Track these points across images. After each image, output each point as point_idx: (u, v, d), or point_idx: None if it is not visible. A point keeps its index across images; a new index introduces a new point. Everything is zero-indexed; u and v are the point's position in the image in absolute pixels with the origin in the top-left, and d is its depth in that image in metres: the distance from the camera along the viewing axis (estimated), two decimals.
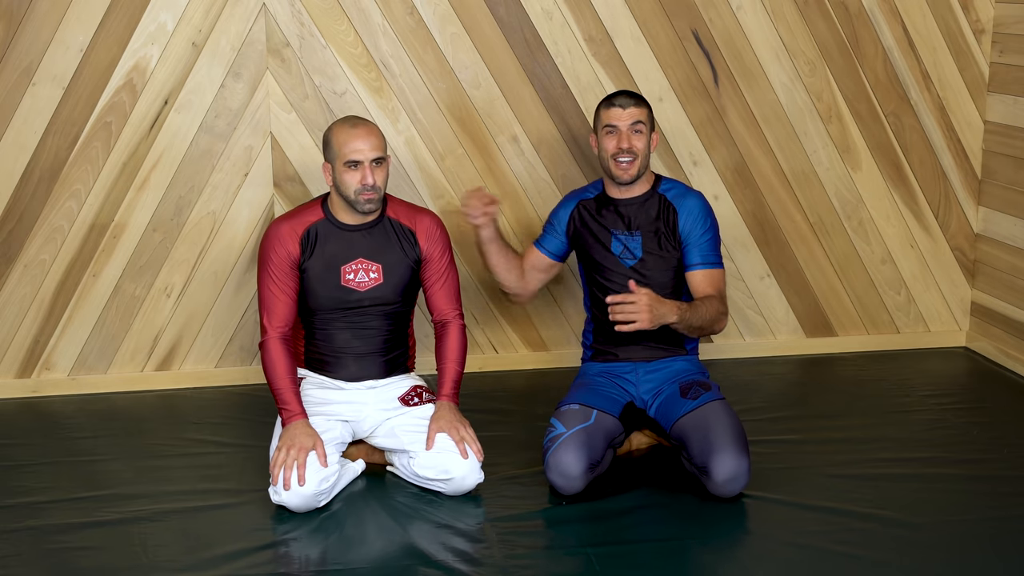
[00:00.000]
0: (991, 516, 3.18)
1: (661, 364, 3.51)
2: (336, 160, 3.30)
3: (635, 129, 3.44)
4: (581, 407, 3.35)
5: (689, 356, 3.56)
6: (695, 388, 3.39)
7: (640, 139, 3.45)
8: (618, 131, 3.44)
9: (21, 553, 3.01)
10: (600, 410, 3.35)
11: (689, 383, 3.42)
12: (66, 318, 4.11)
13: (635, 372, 3.50)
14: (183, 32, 3.95)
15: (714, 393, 3.37)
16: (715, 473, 3.18)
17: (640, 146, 3.45)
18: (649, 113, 3.50)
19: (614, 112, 3.45)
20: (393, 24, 4.05)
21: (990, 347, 4.46)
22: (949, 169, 4.46)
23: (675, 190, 3.54)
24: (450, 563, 2.94)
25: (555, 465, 3.23)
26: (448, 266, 3.49)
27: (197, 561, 2.96)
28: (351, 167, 3.29)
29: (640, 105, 3.47)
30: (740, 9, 4.20)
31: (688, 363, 3.54)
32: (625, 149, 3.42)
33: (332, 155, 3.31)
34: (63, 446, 3.71)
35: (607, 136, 3.46)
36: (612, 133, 3.45)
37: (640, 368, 3.50)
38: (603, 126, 3.47)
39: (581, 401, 3.38)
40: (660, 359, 3.51)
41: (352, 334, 3.44)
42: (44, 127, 3.96)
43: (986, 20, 4.34)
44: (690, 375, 3.48)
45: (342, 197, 3.34)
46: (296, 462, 3.17)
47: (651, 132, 3.50)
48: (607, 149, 3.46)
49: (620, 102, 3.46)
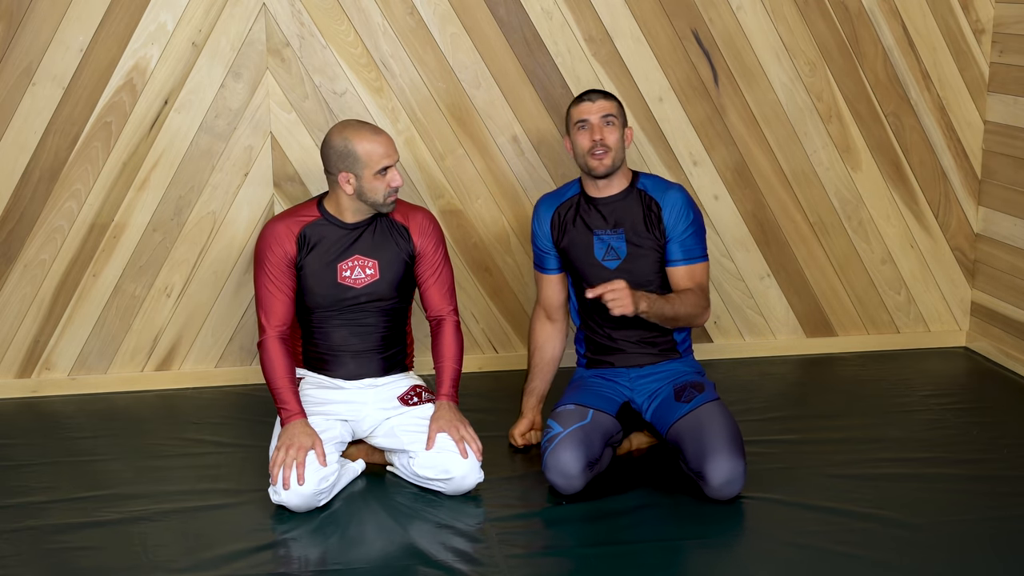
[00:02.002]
0: (991, 516, 3.18)
1: (655, 368, 3.50)
2: (364, 169, 3.30)
3: (607, 121, 3.41)
4: (577, 407, 3.35)
5: (683, 357, 3.55)
6: (688, 390, 3.38)
7: (612, 131, 3.42)
8: (590, 124, 3.42)
9: (21, 553, 3.01)
10: (596, 409, 3.35)
11: (683, 385, 3.41)
12: (66, 318, 4.11)
13: (629, 376, 3.50)
14: (183, 32, 3.96)
15: (708, 394, 3.37)
16: (711, 478, 3.18)
17: (613, 139, 3.41)
18: (620, 107, 3.47)
19: (584, 107, 3.43)
20: (393, 24, 4.06)
21: (990, 347, 4.46)
22: (949, 169, 4.46)
23: (654, 185, 3.51)
24: (450, 563, 2.94)
25: (553, 465, 3.23)
26: (442, 262, 3.49)
27: (197, 561, 2.96)
28: (382, 174, 3.31)
29: (610, 99, 3.45)
30: (740, 9, 4.20)
31: (682, 364, 3.53)
32: (598, 141, 3.40)
33: (357, 165, 3.30)
34: (63, 446, 3.71)
35: (580, 132, 3.44)
36: (584, 128, 3.43)
37: (633, 373, 3.50)
38: (575, 123, 3.45)
39: (577, 401, 3.38)
40: (654, 363, 3.51)
41: (349, 332, 3.44)
42: (44, 127, 3.96)
43: (986, 20, 4.34)
44: (684, 376, 3.48)
45: (366, 202, 3.35)
46: (295, 461, 3.18)
47: (623, 126, 3.47)
48: (582, 145, 3.44)
49: (590, 97, 3.45)
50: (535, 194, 4.23)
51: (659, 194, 3.48)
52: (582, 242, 3.50)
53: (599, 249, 3.48)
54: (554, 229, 3.56)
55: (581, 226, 3.51)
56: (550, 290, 3.63)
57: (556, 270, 3.61)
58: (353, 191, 3.34)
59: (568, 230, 3.53)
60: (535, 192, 4.23)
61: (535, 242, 3.61)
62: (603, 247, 3.48)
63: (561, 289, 3.63)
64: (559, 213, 3.56)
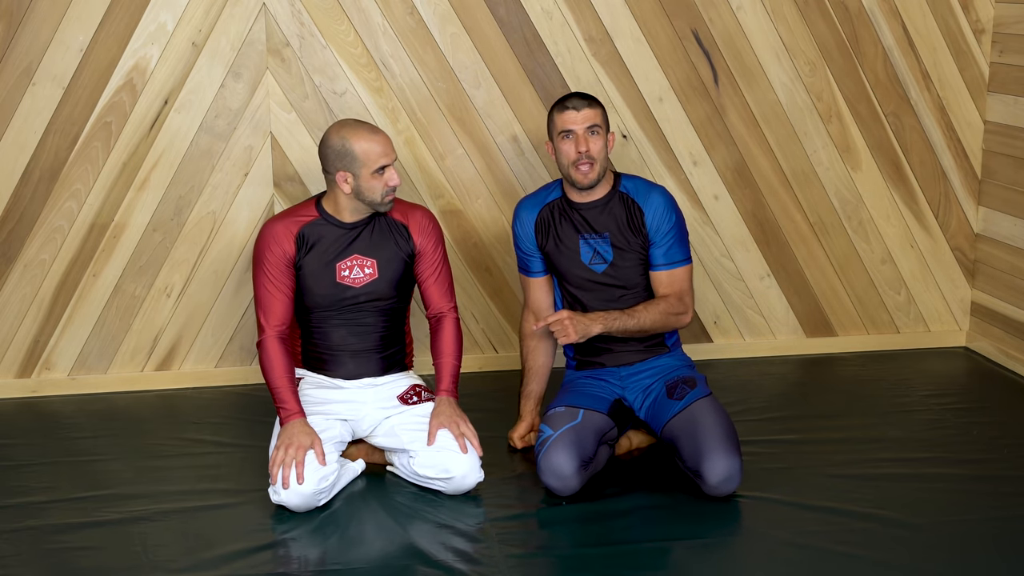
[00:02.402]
0: (991, 516, 3.18)
1: (644, 365, 3.50)
2: (362, 168, 3.30)
3: (592, 131, 3.38)
4: (567, 408, 3.35)
5: (672, 351, 3.55)
6: (680, 386, 3.38)
7: (597, 141, 3.39)
8: (575, 135, 3.38)
9: (21, 553, 3.01)
10: (587, 408, 3.35)
11: (675, 381, 3.41)
12: (66, 318, 4.11)
13: (618, 375, 3.50)
14: (183, 32, 3.96)
15: (700, 390, 3.37)
16: (708, 476, 3.18)
17: (597, 148, 3.38)
18: (604, 114, 3.43)
19: (569, 115, 3.39)
20: (393, 24, 4.06)
21: (990, 347, 4.46)
22: (949, 169, 4.46)
23: (636, 187, 3.49)
24: (450, 563, 2.94)
25: (547, 467, 3.23)
26: (441, 260, 3.49)
27: (197, 561, 2.96)
28: (380, 173, 3.31)
29: (594, 106, 3.41)
30: (740, 9, 4.20)
31: (672, 358, 3.53)
32: (583, 152, 3.37)
33: (355, 164, 3.30)
34: (63, 446, 3.71)
35: (564, 141, 3.40)
36: (568, 137, 3.39)
37: (624, 371, 3.50)
38: (559, 131, 3.41)
39: (567, 403, 3.38)
40: (643, 360, 3.50)
41: (348, 331, 3.44)
42: (44, 127, 3.96)
43: (986, 20, 4.34)
44: (675, 371, 3.48)
45: (364, 201, 3.35)
46: (295, 460, 3.18)
47: (607, 133, 3.44)
48: (567, 155, 3.40)
49: (573, 104, 3.40)
50: None
51: (641, 198, 3.46)
52: (568, 245, 3.49)
53: (585, 253, 3.47)
54: (538, 232, 3.54)
55: (567, 229, 3.49)
56: (538, 293, 3.62)
57: (542, 272, 3.60)
58: (351, 190, 3.34)
59: (553, 233, 3.51)
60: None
61: (519, 245, 3.59)
62: (590, 251, 3.47)
63: (548, 291, 3.62)
64: (542, 216, 3.53)
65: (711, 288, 4.41)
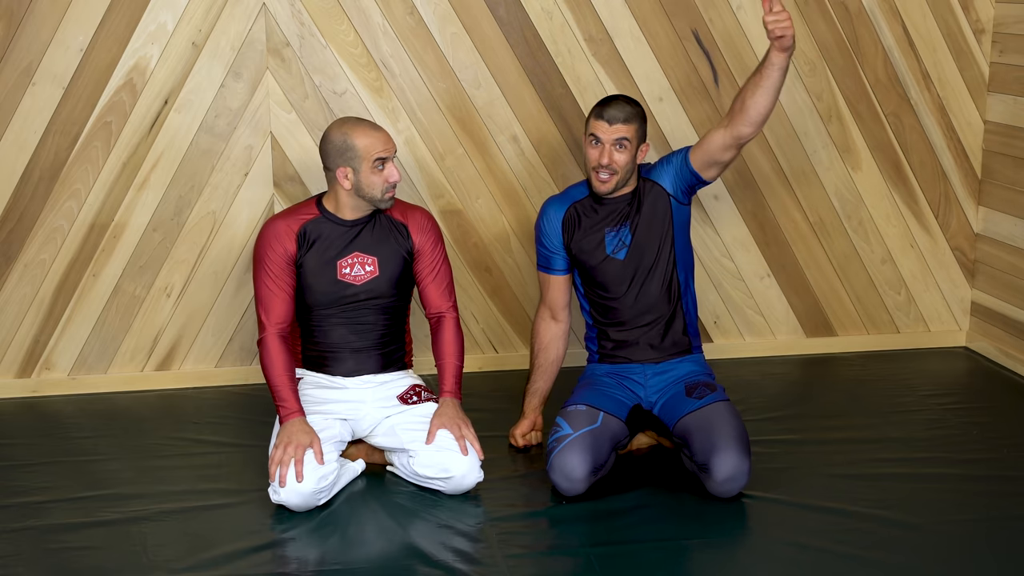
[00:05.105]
0: (991, 516, 3.18)
1: (669, 366, 3.51)
2: (361, 162, 3.31)
3: (619, 144, 3.38)
4: (588, 408, 3.34)
5: (695, 356, 3.56)
6: (701, 388, 3.39)
7: (623, 155, 3.39)
8: (601, 144, 3.40)
9: (21, 553, 3.01)
10: (607, 412, 3.34)
11: (695, 383, 3.42)
12: (66, 318, 4.11)
13: (644, 373, 3.50)
14: (183, 32, 3.95)
15: (719, 394, 3.38)
16: (715, 471, 3.18)
17: (622, 161, 3.39)
18: (638, 128, 3.41)
19: (601, 126, 3.39)
20: (393, 24, 4.06)
21: (990, 347, 4.46)
22: (949, 169, 4.46)
23: (649, 170, 3.53)
24: (450, 563, 2.94)
25: (559, 467, 3.23)
26: (441, 260, 3.50)
27: (197, 561, 2.96)
28: (380, 168, 3.32)
29: (630, 121, 3.39)
30: (740, 9, 4.20)
31: (695, 364, 3.54)
32: (604, 165, 3.39)
33: (355, 159, 3.31)
34: (63, 446, 3.71)
35: (590, 145, 3.43)
36: (595, 144, 3.41)
37: (648, 370, 3.50)
38: (589, 134, 3.43)
39: (589, 402, 3.37)
40: (668, 360, 3.51)
41: (348, 329, 3.44)
42: (44, 127, 3.96)
43: (986, 20, 4.34)
44: (697, 376, 3.49)
45: (364, 198, 3.36)
46: (294, 459, 3.18)
47: (640, 144, 3.43)
48: (590, 158, 3.44)
49: (609, 115, 3.39)
50: (535, 194, 4.23)
51: (657, 175, 3.50)
52: (594, 240, 3.51)
53: (610, 245, 3.49)
54: (566, 231, 3.55)
55: (592, 226, 3.51)
56: (556, 291, 3.63)
57: (563, 271, 3.60)
58: (351, 186, 3.34)
59: (579, 231, 3.53)
60: (535, 192, 4.23)
61: (543, 242, 3.60)
62: (613, 241, 3.49)
63: (567, 289, 3.63)
64: (569, 214, 3.55)
65: (711, 288, 4.41)
